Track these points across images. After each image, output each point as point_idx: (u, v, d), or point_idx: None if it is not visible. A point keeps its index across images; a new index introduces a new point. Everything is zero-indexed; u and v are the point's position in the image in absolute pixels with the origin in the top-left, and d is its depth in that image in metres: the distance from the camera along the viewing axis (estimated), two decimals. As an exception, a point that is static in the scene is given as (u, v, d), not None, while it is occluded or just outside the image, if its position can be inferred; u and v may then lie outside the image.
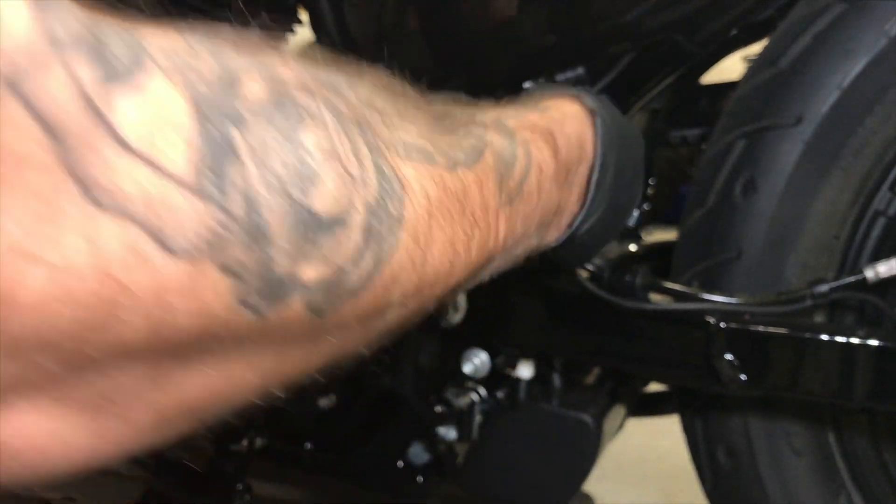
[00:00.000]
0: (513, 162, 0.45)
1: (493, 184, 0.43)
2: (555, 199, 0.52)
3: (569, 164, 0.53)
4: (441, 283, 0.39)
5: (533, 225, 0.50)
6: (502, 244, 0.45)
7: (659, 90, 0.85)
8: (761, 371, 0.72)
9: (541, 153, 0.49)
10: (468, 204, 0.40)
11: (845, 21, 0.74)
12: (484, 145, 0.43)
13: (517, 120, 0.49)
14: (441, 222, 0.37)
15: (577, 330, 0.82)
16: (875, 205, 0.78)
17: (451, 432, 1.01)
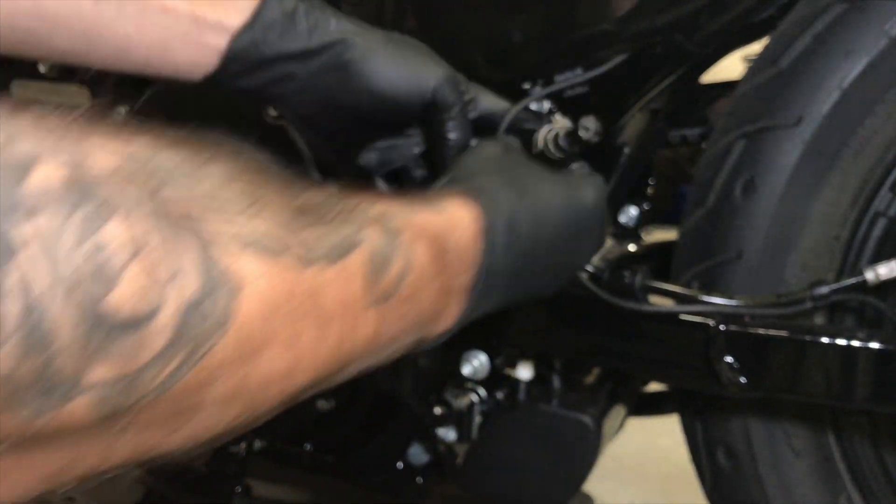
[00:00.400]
0: (389, 262, 0.44)
1: (361, 281, 0.42)
2: (434, 304, 0.52)
3: (450, 273, 0.52)
4: (277, 385, 0.37)
5: (410, 325, 0.49)
6: (371, 342, 0.44)
7: (659, 90, 0.85)
8: (761, 373, 0.72)
9: (422, 258, 0.48)
10: (322, 301, 0.38)
11: (845, 21, 0.74)
12: (357, 242, 0.42)
13: (405, 220, 0.48)
14: (283, 320, 0.36)
15: (576, 331, 0.82)
16: (875, 206, 0.78)
17: (451, 433, 1.01)
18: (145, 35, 0.59)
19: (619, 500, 1.54)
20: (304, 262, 0.37)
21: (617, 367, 0.91)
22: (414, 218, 0.49)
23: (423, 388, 0.91)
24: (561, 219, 0.62)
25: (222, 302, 0.31)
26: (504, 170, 0.62)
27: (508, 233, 0.57)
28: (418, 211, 0.51)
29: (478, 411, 0.98)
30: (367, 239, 0.43)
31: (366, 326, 0.43)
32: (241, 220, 0.34)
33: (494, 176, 0.60)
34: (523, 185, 0.61)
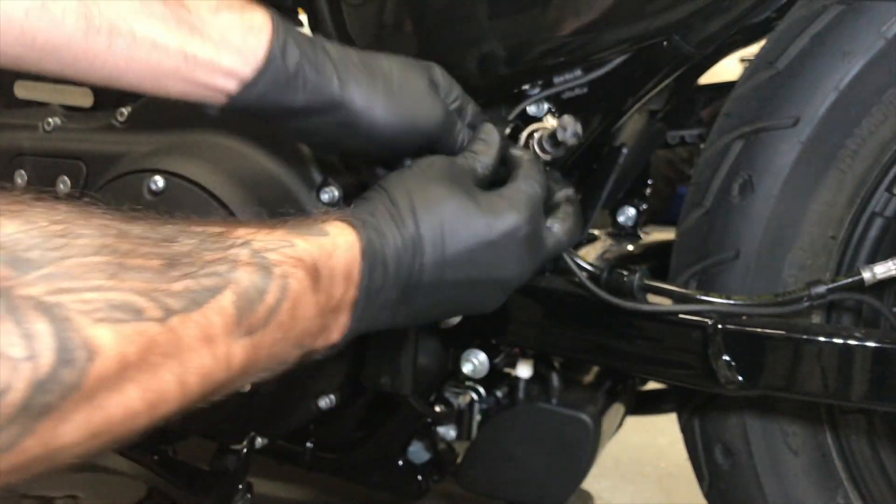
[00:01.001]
0: (263, 295, 0.50)
1: (228, 318, 0.47)
2: (315, 322, 0.57)
3: (331, 293, 0.57)
4: (142, 415, 0.43)
5: (291, 344, 0.55)
6: (239, 369, 0.49)
7: (657, 91, 0.85)
8: (758, 372, 0.73)
9: (300, 285, 0.53)
10: (185, 343, 0.44)
11: (843, 23, 0.74)
12: (226, 283, 0.47)
13: (281, 253, 0.53)
14: (141, 370, 0.42)
15: (575, 330, 0.82)
16: (872, 206, 0.78)
17: (451, 431, 1.01)
18: (135, 67, 0.60)
19: (617, 498, 1.54)
20: (163, 317, 0.43)
21: (615, 366, 0.91)
22: (290, 249, 0.54)
23: (423, 387, 0.92)
24: (471, 242, 0.65)
25: (76, 371, 0.38)
26: (416, 191, 0.65)
27: (402, 261, 0.62)
28: (297, 241, 0.55)
29: (477, 410, 0.99)
30: (238, 279, 0.48)
31: (237, 355, 0.48)
32: (97, 295, 0.40)
33: (400, 199, 0.65)
34: (431, 208, 0.65)
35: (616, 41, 0.78)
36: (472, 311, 0.73)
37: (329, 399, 0.95)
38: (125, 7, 0.58)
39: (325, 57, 0.67)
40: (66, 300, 0.39)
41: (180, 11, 0.60)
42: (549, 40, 0.78)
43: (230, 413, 0.92)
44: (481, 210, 0.66)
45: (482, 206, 0.67)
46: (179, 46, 0.60)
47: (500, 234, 0.67)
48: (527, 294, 0.84)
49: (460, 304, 0.71)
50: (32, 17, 0.54)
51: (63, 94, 1.05)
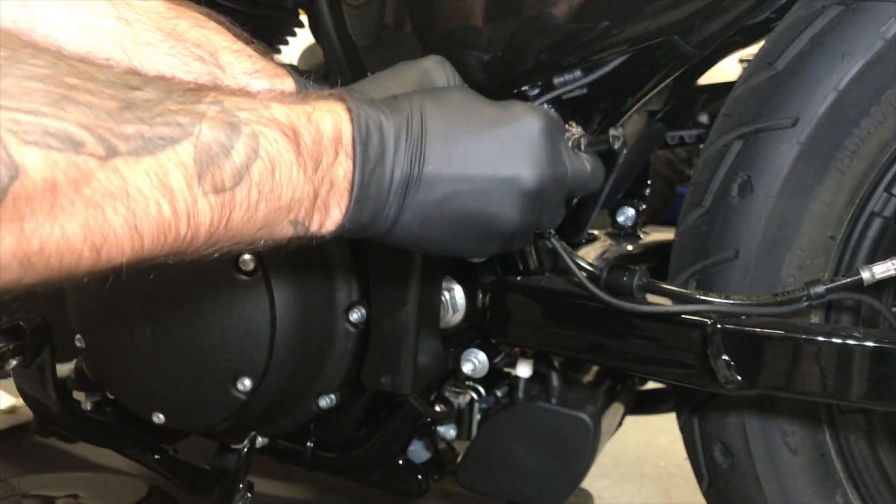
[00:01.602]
0: (225, 153, 0.48)
1: (185, 172, 0.46)
2: (306, 192, 0.54)
3: (317, 157, 0.55)
4: (87, 253, 0.43)
5: (273, 211, 0.53)
6: (206, 229, 0.48)
7: (657, 92, 0.86)
8: (758, 371, 0.73)
9: (275, 146, 0.51)
10: (134, 188, 0.43)
11: (841, 23, 0.75)
12: (183, 136, 0.46)
13: (254, 113, 0.51)
14: (75, 202, 0.41)
15: (575, 329, 0.82)
16: (871, 206, 0.79)
17: (451, 431, 1.02)
18: None
19: (617, 498, 1.55)
20: (105, 155, 0.42)
21: (615, 366, 0.91)
22: (265, 111, 0.52)
23: (423, 387, 0.92)
24: (480, 130, 0.61)
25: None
26: (420, 90, 0.63)
27: (400, 135, 0.59)
28: (274, 104, 0.53)
29: (477, 409, 0.99)
30: (199, 133, 0.47)
31: (203, 212, 0.47)
32: (31, 118, 0.39)
33: (401, 94, 0.62)
34: (435, 96, 0.62)
35: (616, 42, 0.78)
36: (488, 227, 0.63)
37: (329, 398, 0.95)
38: (165, 63, 0.61)
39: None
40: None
41: (217, 72, 0.63)
42: (549, 41, 0.78)
43: (231, 412, 0.92)
44: (495, 106, 0.63)
45: (495, 104, 0.63)
46: None
47: (515, 127, 0.62)
48: (527, 294, 0.84)
49: (471, 209, 0.61)
50: None
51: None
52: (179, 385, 0.93)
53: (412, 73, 0.71)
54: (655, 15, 0.77)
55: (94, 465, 1.45)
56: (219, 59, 0.63)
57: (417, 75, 0.71)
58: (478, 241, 0.65)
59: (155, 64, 0.60)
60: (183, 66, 0.61)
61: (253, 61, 0.66)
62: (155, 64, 0.60)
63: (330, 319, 0.91)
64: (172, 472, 1.12)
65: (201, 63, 0.62)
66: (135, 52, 0.59)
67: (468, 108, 0.62)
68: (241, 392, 0.90)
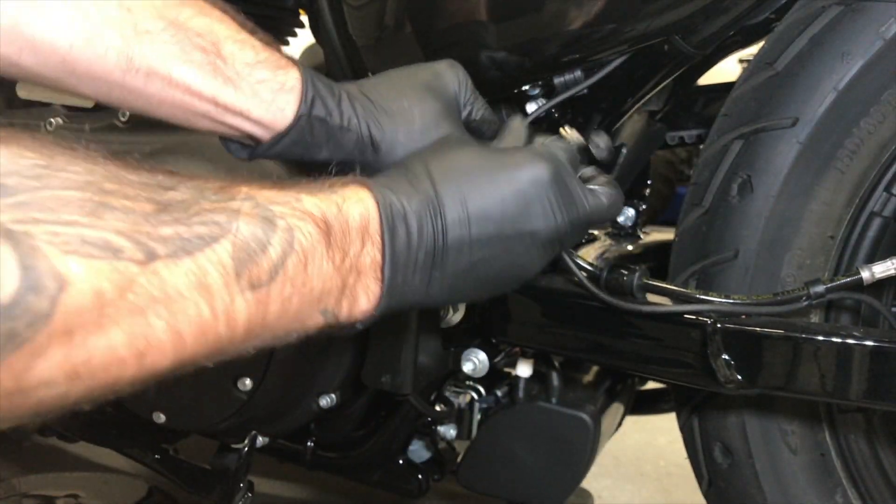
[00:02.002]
0: (262, 249, 0.48)
1: (224, 271, 0.46)
2: (335, 283, 0.55)
3: (346, 248, 0.56)
4: (130, 363, 0.42)
5: (305, 304, 0.53)
6: (244, 327, 0.48)
7: (657, 92, 0.86)
8: (758, 371, 0.73)
9: (309, 238, 0.52)
10: (170, 293, 0.43)
11: (841, 23, 0.75)
12: (221, 234, 0.46)
13: (287, 206, 0.52)
14: (119, 310, 0.40)
15: (575, 329, 0.82)
16: (871, 205, 0.79)
17: (451, 430, 1.02)
18: (168, 105, 0.63)
19: (617, 497, 1.55)
20: (145, 260, 0.42)
21: (615, 366, 0.91)
22: (297, 203, 0.53)
23: (424, 386, 0.92)
24: (493, 193, 0.63)
25: (44, 299, 0.37)
26: (431, 157, 0.65)
27: (423, 216, 0.60)
28: (304, 196, 0.54)
29: (478, 409, 0.99)
30: (236, 229, 0.47)
31: (240, 310, 0.47)
32: (70, 230, 0.39)
33: (416, 164, 0.64)
34: (447, 166, 0.64)
35: (616, 42, 0.79)
36: (513, 277, 0.67)
37: (330, 398, 0.95)
38: (165, 52, 0.60)
39: (350, 114, 0.68)
40: (35, 230, 0.37)
41: (217, 62, 0.63)
42: (549, 41, 0.79)
43: (231, 411, 0.92)
44: (502, 161, 0.65)
45: (503, 159, 0.65)
46: (212, 94, 0.62)
47: (524, 182, 0.64)
48: (527, 294, 0.84)
49: (497, 267, 0.65)
50: (76, 50, 0.57)
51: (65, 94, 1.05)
52: (180, 385, 0.93)
53: (424, 75, 0.72)
54: (655, 15, 0.77)
55: (94, 465, 1.45)
56: (221, 50, 0.63)
57: (430, 78, 0.72)
58: (504, 286, 0.69)
59: (155, 53, 0.59)
60: (184, 55, 0.61)
61: (256, 51, 0.65)
62: (155, 53, 0.59)
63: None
64: (173, 471, 1.12)
65: (203, 53, 0.62)
66: (135, 40, 0.59)
67: (478, 168, 0.64)
68: (242, 391, 0.90)
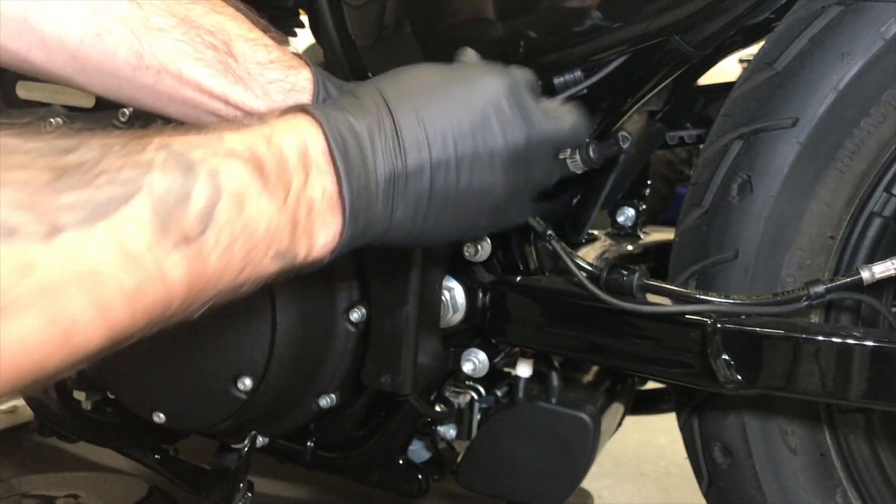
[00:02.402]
0: (185, 199, 0.44)
1: (146, 230, 0.42)
2: (283, 222, 0.51)
3: (287, 181, 0.51)
4: (54, 347, 0.39)
5: (252, 249, 0.49)
6: (184, 285, 0.45)
7: (656, 92, 0.86)
8: (758, 371, 0.73)
9: (237, 179, 0.48)
10: (87, 266, 0.39)
11: (841, 23, 0.75)
12: (133, 191, 0.42)
13: (207, 149, 0.47)
14: (26, 292, 0.37)
15: (575, 329, 0.82)
16: (871, 206, 0.79)
17: (451, 430, 1.02)
18: (178, 102, 0.62)
19: (617, 497, 1.55)
20: (48, 233, 0.38)
21: (615, 366, 0.91)
22: (218, 144, 0.48)
23: (423, 386, 0.92)
24: (450, 110, 0.59)
25: None
26: (382, 80, 0.61)
27: (374, 133, 0.56)
28: (226, 134, 0.50)
29: (477, 409, 0.99)
30: (150, 183, 0.43)
31: (176, 268, 0.44)
32: None
33: (365, 89, 0.60)
34: (399, 85, 0.60)
35: (616, 42, 0.79)
36: (478, 203, 0.62)
37: (330, 398, 0.95)
38: (176, 49, 0.59)
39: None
40: None
41: (229, 60, 0.62)
42: (549, 41, 0.79)
43: (231, 412, 0.92)
44: (457, 77, 0.61)
45: (458, 74, 0.62)
46: (223, 93, 0.61)
47: (480, 96, 0.60)
48: (527, 294, 0.84)
49: (460, 190, 0.60)
50: (86, 45, 0.56)
51: (65, 94, 1.05)
52: (180, 385, 0.93)
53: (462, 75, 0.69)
54: (655, 15, 0.77)
55: (94, 465, 1.45)
56: (232, 48, 0.62)
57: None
58: (472, 219, 0.63)
59: (166, 50, 0.59)
60: (195, 53, 0.60)
61: (269, 51, 0.64)
62: (166, 50, 0.59)
63: (330, 319, 0.91)
64: (172, 471, 1.12)
65: (214, 51, 0.61)
66: (146, 36, 0.58)
67: (431, 84, 0.60)
68: (242, 392, 0.90)
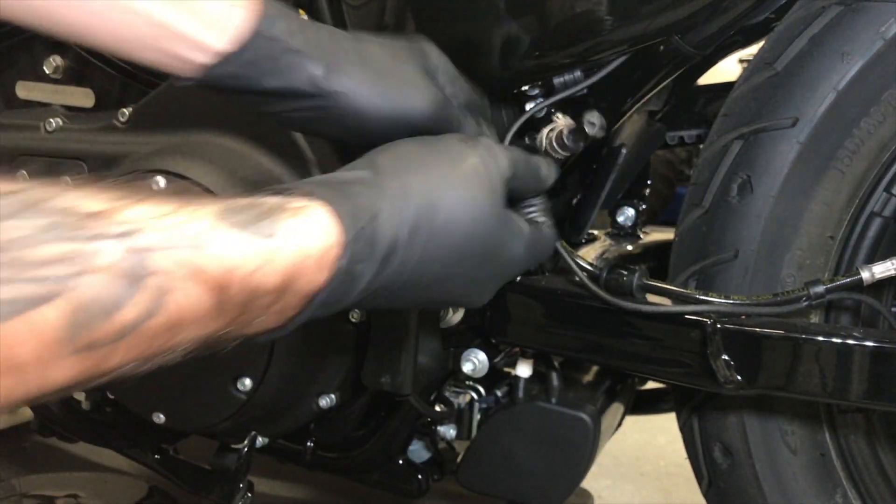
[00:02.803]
0: (109, 312, 0.38)
1: (47, 335, 0.36)
2: (214, 335, 0.46)
3: (247, 309, 0.46)
4: None
5: (168, 351, 0.44)
6: (68, 381, 0.39)
7: (656, 92, 0.86)
8: (758, 371, 0.73)
9: (188, 302, 0.42)
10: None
11: (841, 23, 0.75)
12: (54, 294, 0.36)
13: (173, 259, 0.41)
14: None
15: (575, 329, 0.82)
16: (871, 206, 0.79)
17: (451, 430, 1.02)
18: (109, 28, 0.57)
19: (617, 497, 1.55)
20: None
21: (615, 366, 0.91)
22: (192, 253, 0.42)
23: (423, 386, 0.92)
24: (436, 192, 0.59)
25: None
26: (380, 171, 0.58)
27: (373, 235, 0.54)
28: (212, 240, 0.43)
29: (477, 409, 0.99)
30: (79, 287, 0.37)
31: (64, 370, 0.38)
32: None
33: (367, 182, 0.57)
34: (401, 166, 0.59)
35: (616, 42, 0.79)
36: (445, 293, 0.63)
37: (329, 398, 0.95)
38: None
39: (314, 41, 0.63)
40: None
41: None
42: (549, 41, 0.79)
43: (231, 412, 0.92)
44: (439, 156, 0.62)
45: (439, 152, 0.62)
46: (157, 12, 0.57)
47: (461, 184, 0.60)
48: (527, 294, 0.84)
49: (427, 280, 0.60)
50: None
51: (64, 94, 1.05)
52: (180, 385, 0.93)
53: (406, 43, 0.69)
54: (655, 15, 0.77)
55: (94, 465, 1.45)
56: None
57: (412, 46, 0.69)
58: (427, 302, 0.66)
59: None
60: None
61: None
62: None
63: (330, 319, 0.91)
64: (172, 472, 1.12)
65: None
66: None
67: (417, 162, 0.61)
68: (242, 392, 0.90)
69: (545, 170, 0.75)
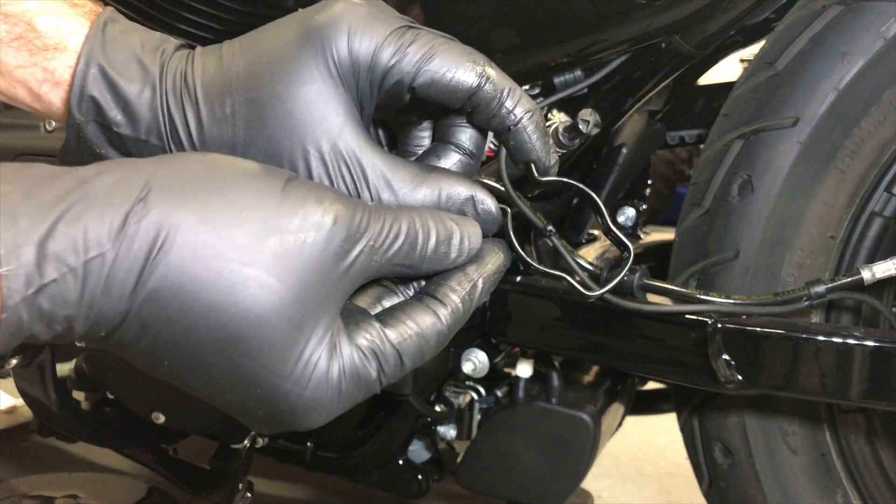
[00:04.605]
0: None
1: None
2: None
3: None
4: None
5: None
6: None
7: (657, 92, 0.86)
8: (758, 371, 0.73)
9: None
10: None
11: (842, 23, 0.75)
12: None
13: None
14: None
15: (575, 329, 0.82)
16: (871, 205, 0.79)
17: (451, 431, 1.02)
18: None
19: (617, 498, 1.55)
20: None
21: (615, 366, 0.91)
22: None
23: (423, 387, 0.92)
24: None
25: None
26: None
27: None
28: None
29: (478, 409, 0.99)
30: None
31: None
32: None
33: None
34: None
35: (616, 42, 0.79)
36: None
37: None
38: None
39: (159, 118, 0.51)
40: None
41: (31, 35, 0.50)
42: (548, 41, 0.78)
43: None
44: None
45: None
46: None
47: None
48: (527, 294, 0.84)
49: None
50: None
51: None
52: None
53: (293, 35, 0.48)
54: (655, 15, 0.77)
55: (94, 465, 1.45)
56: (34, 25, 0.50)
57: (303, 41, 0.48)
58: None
59: None
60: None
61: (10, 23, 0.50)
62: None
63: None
64: (172, 472, 1.12)
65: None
66: None
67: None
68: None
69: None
